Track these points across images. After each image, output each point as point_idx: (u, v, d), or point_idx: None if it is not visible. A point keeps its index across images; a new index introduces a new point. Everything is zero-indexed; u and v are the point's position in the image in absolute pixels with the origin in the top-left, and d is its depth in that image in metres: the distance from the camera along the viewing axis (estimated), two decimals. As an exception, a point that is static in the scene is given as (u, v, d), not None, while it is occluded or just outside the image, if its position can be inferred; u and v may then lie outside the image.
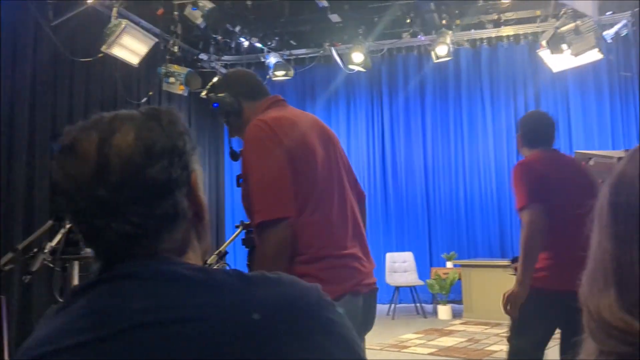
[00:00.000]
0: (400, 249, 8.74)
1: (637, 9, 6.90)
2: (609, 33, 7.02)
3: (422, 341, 6.47)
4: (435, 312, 8.07)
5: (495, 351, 5.71)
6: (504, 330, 6.92)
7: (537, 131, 2.96)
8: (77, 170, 0.77)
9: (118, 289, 0.77)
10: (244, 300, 0.74)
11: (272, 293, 0.76)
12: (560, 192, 2.70)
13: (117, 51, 6.16)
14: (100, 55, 6.15)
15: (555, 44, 6.60)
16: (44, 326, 0.78)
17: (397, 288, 8.08)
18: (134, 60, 6.43)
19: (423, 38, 8.15)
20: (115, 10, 6.18)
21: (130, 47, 6.30)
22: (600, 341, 0.60)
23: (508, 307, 2.67)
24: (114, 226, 0.76)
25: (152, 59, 6.95)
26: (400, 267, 8.33)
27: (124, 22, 6.12)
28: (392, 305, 7.89)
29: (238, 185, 3.23)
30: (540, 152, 2.90)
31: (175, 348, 0.70)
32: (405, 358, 5.73)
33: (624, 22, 7.10)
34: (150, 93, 7.41)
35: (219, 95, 2.17)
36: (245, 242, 3.11)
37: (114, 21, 6.12)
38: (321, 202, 1.94)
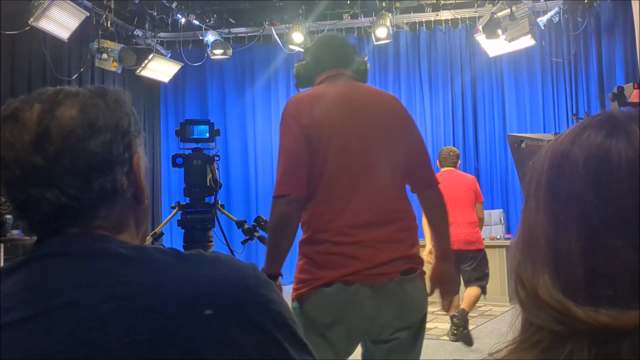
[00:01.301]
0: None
1: (568, -3, 7.13)
2: (542, 20, 7.22)
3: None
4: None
5: (430, 328, 5.85)
6: (437, 308, 7.10)
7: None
8: (17, 138, 0.75)
9: (49, 266, 0.74)
10: (179, 277, 0.73)
11: (208, 271, 0.75)
12: None
13: (46, 24, 5.88)
14: (27, 28, 5.84)
15: (491, 29, 6.74)
16: None
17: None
18: (64, 34, 6.16)
19: (363, 20, 8.16)
20: (43, -19, 5.88)
21: (59, 20, 6.02)
22: (531, 313, 0.60)
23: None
24: (49, 196, 0.74)
25: (83, 34, 6.67)
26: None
27: (53, -7, 5.83)
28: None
29: (174, 165, 3.16)
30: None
31: (108, 326, 0.68)
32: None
33: (556, 9, 7.32)
34: (82, 69, 7.12)
35: (299, 61, 2.23)
36: (181, 223, 3.05)
37: (41, -8, 5.82)
38: (331, 185, 1.93)
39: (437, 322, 6.10)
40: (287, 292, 1.58)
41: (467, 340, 4.86)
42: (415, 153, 2.06)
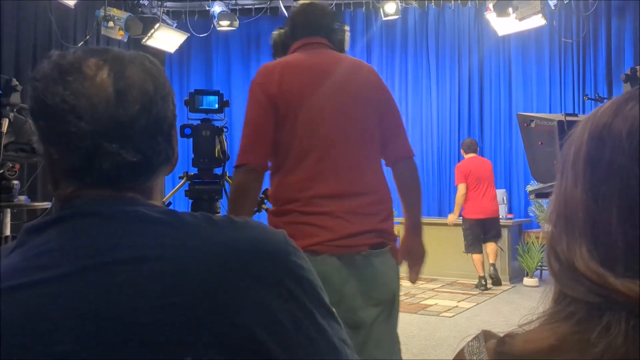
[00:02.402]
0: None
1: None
2: (552, 0, 7.14)
3: (360, 296, 6.60)
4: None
5: (430, 305, 5.90)
6: (438, 285, 7.17)
7: None
8: (91, 91, 0.74)
9: (80, 227, 0.74)
10: (212, 241, 0.73)
11: (239, 235, 0.75)
12: None
13: (52, -10, 5.81)
14: (34, -7, 5.79)
15: (501, 7, 6.67)
16: None
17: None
18: (71, 1, 6.09)
19: (372, -6, 8.07)
20: (50, -55, 5.80)
21: (66, -14, 5.95)
22: (566, 285, 0.60)
23: None
24: (122, 153, 0.74)
25: (89, 2, 6.60)
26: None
27: (60, -41, 5.76)
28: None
29: (182, 135, 3.15)
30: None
31: (140, 288, 0.68)
32: (343, 312, 5.83)
33: (567, -11, 7.23)
34: (87, 37, 7.06)
35: (278, 29, 2.16)
36: (188, 193, 3.05)
37: (48, -43, 5.75)
38: (299, 156, 1.89)
39: (437, 299, 6.14)
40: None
41: (498, 282, 6.76)
42: (389, 125, 2.01)
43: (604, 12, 7.69)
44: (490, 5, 6.92)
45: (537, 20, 6.75)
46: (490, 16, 7.08)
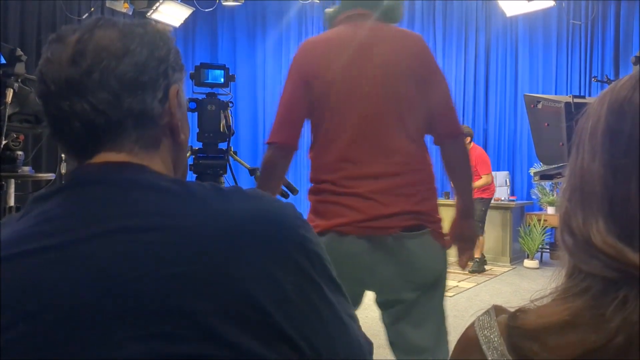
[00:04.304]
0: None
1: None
2: (562, -20, 7.05)
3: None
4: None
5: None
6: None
7: None
8: (56, 55, 0.77)
9: (88, 194, 0.73)
10: (221, 212, 0.72)
11: (249, 207, 0.74)
12: None
13: (57, -40, 5.74)
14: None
15: (510, -13, 6.59)
16: (3, 230, 0.73)
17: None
18: (75, -28, 6.02)
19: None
20: None
21: (71, -43, 5.88)
22: (581, 260, 0.59)
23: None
24: (78, 109, 0.74)
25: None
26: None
27: None
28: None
29: (187, 110, 3.14)
30: None
31: (148, 256, 0.67)
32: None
33: (578, -30, 7.14)
34: (92, 9, 7.00)
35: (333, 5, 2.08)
36: (193, 167, 3.05)
37: None
38: (333, 134, 1.83)
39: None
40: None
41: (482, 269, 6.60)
42: (436, 102, 1.88)
43: (613, -6, 7.60)
44: (499, -15, 6.84)
45: (547, 2, 6.67)
46: (499, -4, 7.01)
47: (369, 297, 1.94)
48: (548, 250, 7.32)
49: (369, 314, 2.99)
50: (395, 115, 1.82)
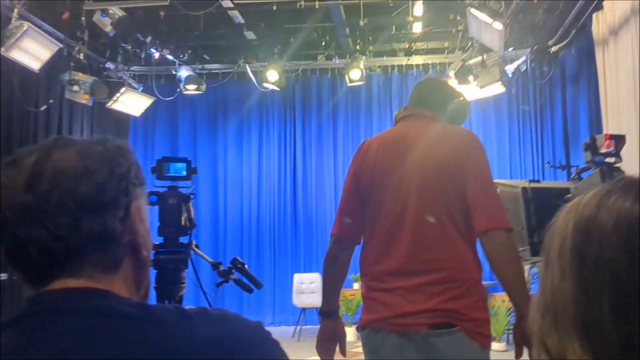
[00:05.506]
0: (308, 269, 8.72)
1: (535, 47, 7.34)
2: (510, 68, 7.42)
3: (327, 364, 6.43)
4: (340, 334, 8.06)
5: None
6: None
7: None
8: (12, 180, 0.74)
9: (47, 325, 0.69)
10: (184, 337, 0.70)
11: (212, 330, 0.72)
12: None
13: (17, 55, 5.78)
14: (-3, 56, 5.74)
15: (462, 75, 6.90)
16: None
17: (304, 309, 8.03)
18: (35, 65, 6.06)
19: (337, 61, 8.27)
20: (16, 11, 5.81)
21: (31, 51, 5.93)
22: None
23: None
24: (35, 236, 0.71)
25: (54, 65, 6.57)
26: (307, 288, 8.30)
27: (26, 24, 5.76)
28: (298, 327, 7.83)
29: (148, 203, 3.09)
30: None
31: None
32: (311, 381, 5.66)
33: (523, 57, 7.54)
34: (51, 101, 6.99)
35: None
36: (153, 263, 2.96)
37: (14, 23, 5.74)
38: (373, 229, 1.96)
39: None
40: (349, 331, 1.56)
41: None
42: (474, 194, 1.82)
43: (559, 79, 8.01)
44: (451, 73, 7.15)
45: (497, 88, 6.99)
46: (452, 83, 7.31)
47: None
48: (514, 331, 7.28)
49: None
50: (429, 212, 1.83)
